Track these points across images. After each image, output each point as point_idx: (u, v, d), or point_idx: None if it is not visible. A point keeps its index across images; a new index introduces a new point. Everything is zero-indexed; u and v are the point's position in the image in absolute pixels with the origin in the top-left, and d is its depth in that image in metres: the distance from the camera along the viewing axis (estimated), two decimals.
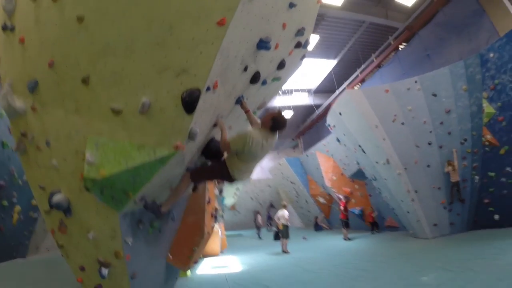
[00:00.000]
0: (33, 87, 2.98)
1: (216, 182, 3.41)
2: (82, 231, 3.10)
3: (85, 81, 2.65)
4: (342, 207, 11.44)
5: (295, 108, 19.46)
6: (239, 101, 3.38)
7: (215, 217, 6.64)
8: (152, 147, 2.57)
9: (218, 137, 3.38)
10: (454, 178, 8.16)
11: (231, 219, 23.29)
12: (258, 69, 3.16)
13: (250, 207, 22.97)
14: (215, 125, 3.14)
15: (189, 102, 2.36)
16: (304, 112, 21.09)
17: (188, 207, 4.28)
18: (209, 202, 4.59)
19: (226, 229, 20.80)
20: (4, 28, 3.11)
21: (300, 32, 3.55)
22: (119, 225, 2.97)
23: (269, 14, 2.71)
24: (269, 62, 2.91)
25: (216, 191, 5.96)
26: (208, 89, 2.43)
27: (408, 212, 8.54)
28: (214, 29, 2.21)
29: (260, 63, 3.12)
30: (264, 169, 24.14)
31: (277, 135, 3.22)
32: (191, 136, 2.58)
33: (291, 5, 2.99)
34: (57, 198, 2.98)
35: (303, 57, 4.28)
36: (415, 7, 11.80)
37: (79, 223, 3.12)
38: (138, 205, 3.05)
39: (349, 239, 10.81)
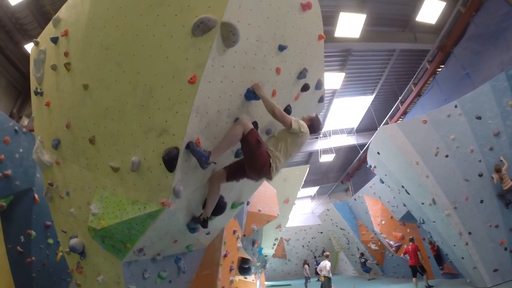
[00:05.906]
0: (56, 145, 3.50)
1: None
2: (94, 273, 3.45)
3: (91, 141, 3.00)
4: (408, 252, 9.77)
5: (337, 150, 18.39)
6: (239, 154, 3.24)
7: (246, 270, 6.40)
8: (143, 202, 2.69)
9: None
10: (506, 185, 6.95)
11: (281, 267, 22.68)
12: (255, 119, 3.09)
13: (301, 256, 22.02)
14: None
15: (168, 161, 2.43)
16: (349, 153, 19.96)
17: (203, 260, 4.25)
18: (226, 255, 4.48)
19: (276, 278, 21.12)
20: (36, 93, 3.78)
21: (302, 74, 3.34)
22: (122, 272, 3.19)
23: (252, 62, 2.68)
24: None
25: (239, 244, 5.75)
26: (187, 147, 2.47)
27: (462, 257, 7.45)
28: (187, 87, 2.30)
29: (255, 113, 3.07)
30: (314, 215, 23.33)
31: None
32: (176, 193, 2.60)
33: (281, 48, 2.87)
34: (73, 242, 3.37)
35: (322, 99, 4.05)
36: (441, 23, 10.80)
37: (92, 266, 3.47)
38: (139, 256, 3.18)
39: (430, 286, 9.08)
